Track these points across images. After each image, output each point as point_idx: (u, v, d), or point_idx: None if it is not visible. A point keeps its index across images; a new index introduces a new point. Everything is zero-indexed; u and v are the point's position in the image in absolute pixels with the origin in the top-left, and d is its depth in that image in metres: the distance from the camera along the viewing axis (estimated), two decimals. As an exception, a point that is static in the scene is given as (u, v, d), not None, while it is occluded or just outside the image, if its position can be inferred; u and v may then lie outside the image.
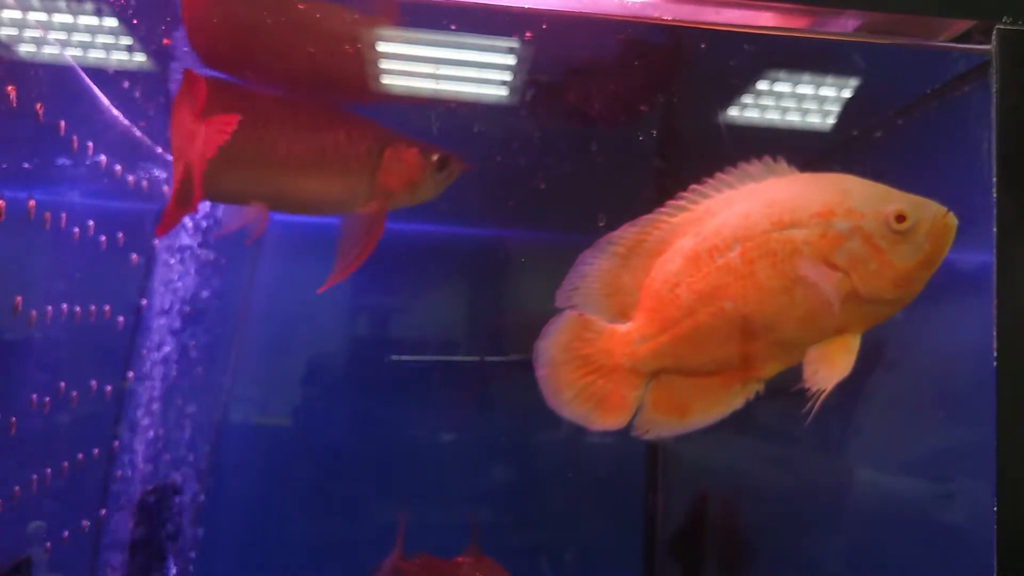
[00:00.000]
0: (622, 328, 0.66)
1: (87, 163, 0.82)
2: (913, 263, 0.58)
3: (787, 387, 0.61)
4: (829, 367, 0.59)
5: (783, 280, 0.59)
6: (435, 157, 0.84)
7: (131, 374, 0.99)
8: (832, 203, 0.59)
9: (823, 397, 0.58)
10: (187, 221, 1.03)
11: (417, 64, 0.88)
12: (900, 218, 0.57)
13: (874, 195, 0.59)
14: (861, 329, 0.60)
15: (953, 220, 0.58)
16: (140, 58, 0.88)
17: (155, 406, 1.01)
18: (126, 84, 0.88)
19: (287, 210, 0.87)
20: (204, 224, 1.05)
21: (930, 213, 0.58)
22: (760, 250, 0.60)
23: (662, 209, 0.65)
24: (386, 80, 0.87)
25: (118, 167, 0.88)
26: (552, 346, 0.66)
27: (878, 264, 0.58)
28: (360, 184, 0.83)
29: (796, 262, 0.59)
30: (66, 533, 0.85)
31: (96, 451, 0.92)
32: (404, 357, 1.09)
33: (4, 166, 0.68)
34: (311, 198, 0.85)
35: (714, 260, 0.61)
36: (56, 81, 0.77)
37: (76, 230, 0.82)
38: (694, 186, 0.64)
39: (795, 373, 0.62)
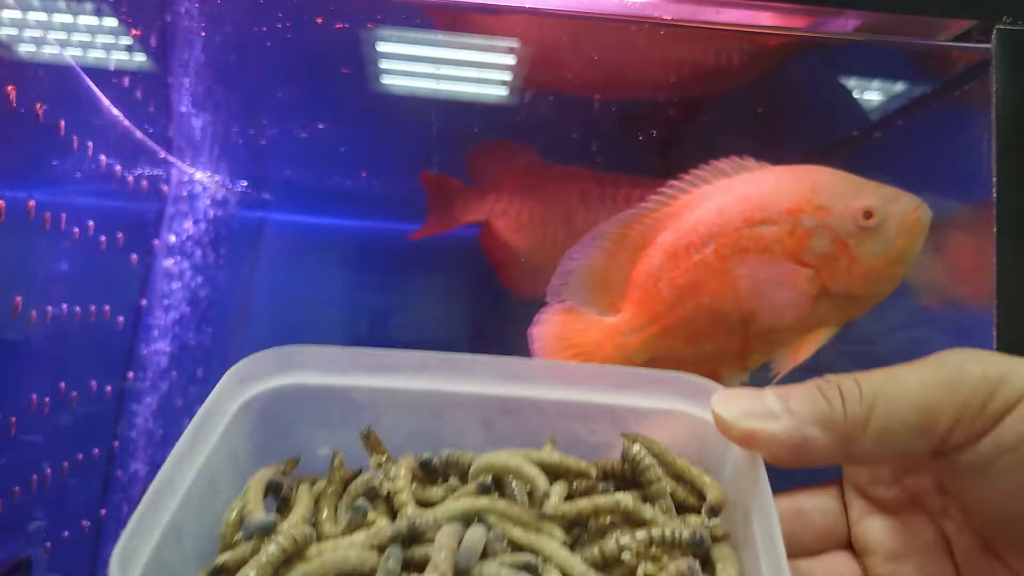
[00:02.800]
0: (611, 320, 0.66)
1: (87, 163, 0.82)
2: (883, 260, 0.56)
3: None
4: (792, 356, 0.59)
5: (754, 277, 0.59)
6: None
7: (131, 374, 0.99)
8: (801, 200, 0.58)
9: (778, 379, 0.58)
10: (187, 221, 1.03)
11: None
12: (867, 215, 0.56)
13: (845, 190, 0.58)
14: (838, 323, 0.60)
15: (926, 213, 0.57)
16: (140, 58, 0.88)
17: (155, 406, 1.01)
18: (126, 84, 0.89)
19: None
20: (203, 225, 1.05)
21: (901, 207, 0.56)
22: (733, 247, 0.59)
23: (644, 204, 0.65)
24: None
25: (118, 167, 0.88)
26: (544, 334, 0.66)
27: (846, 261, 0.57)
28: None
29: (765, 260, 0.59)
30: (66, 533, 0.85)
31: (96, 451, 0.92)
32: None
33: (4, 166, 0.68)
34: None
35: (691, 256, 0.61)
36: (56, 81, 0.76)
37: (76, 230, 0.82)
38: (673, 181, 0.64)
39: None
